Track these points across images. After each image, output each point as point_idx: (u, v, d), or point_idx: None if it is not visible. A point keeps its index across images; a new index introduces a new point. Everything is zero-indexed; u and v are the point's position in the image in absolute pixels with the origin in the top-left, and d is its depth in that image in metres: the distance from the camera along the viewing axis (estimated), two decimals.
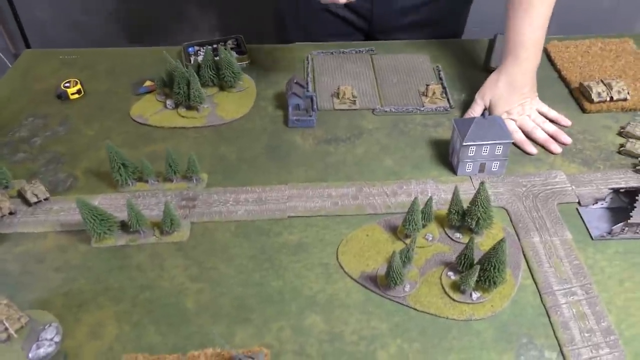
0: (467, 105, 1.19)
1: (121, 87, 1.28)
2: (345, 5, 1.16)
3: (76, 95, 1.24)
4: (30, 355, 0.76)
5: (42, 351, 0.77)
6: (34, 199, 0.97)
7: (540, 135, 1.11)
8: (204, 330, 0.80)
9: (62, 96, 1.24)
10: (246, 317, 0.82)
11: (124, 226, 0.93)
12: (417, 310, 0.82)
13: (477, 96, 1.17)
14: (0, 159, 1.01)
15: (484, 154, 1.01)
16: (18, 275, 0.88)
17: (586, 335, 0.79)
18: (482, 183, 0.87)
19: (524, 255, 0.90)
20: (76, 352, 0.78)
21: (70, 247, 0.92)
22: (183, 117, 1.17)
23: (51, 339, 0.78)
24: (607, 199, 0.96)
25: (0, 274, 0.88)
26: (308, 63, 1.34)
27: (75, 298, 0.85)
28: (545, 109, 1.16)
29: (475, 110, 1.16)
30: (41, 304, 0.84)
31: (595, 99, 1.16)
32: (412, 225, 0.89)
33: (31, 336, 0.78)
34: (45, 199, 0.99)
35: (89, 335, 0.80)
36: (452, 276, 0.86)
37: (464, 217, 0.91)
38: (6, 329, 0.77)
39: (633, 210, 0.89)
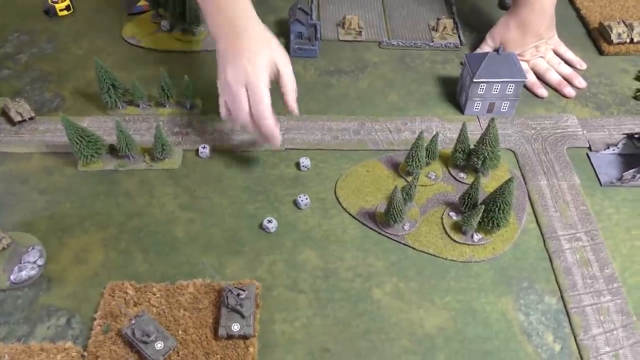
0: (479, 42, 1.12)
1: (113, 5, 1.20)
2: None
3: (65, 12, 1.17)
4: (12, 277, 0.73)
5: (24, 274, 0.74)
6: (18, 118, 0.92)
7: (554, 78, 1.06)
8: (194, 261, 0.77)
9: (50, 12, 1.16)
10: (237, 249, 0.79)
11: (113, 150, 0.89)
12: (416, 250, 0.79)
13: (487, 36, 1.10)
14: None
15: (495, 92, 0.96)
16: (0, 196, 0.84)
17: (589, 281, 0.76)
18: (492, 120, 0.82)
19: (530, 198, 0.86)
20: (60, 276, 0.75)
21: (55, 170, 0.88)
22: (178, 40, 1.11)
23: (34, 262, 0.75)
24: (620, 145, 0.92)
25: None
26: None
27: (60, 222, 0.81)
28: (563, 49, 1.10)
29: (484, 50, 1.09)
30: (24, 226, 0.80)
31: (615, 40, 1.10)
32: (416, 162, 0.85)
33: (13, 258, 0.75)
34: (30, 119, 0.93)
35: (73, 260, 0.77)
36: (454, 217, 0.82)
37: (470, 157, 0.87)
38: None
39: None
